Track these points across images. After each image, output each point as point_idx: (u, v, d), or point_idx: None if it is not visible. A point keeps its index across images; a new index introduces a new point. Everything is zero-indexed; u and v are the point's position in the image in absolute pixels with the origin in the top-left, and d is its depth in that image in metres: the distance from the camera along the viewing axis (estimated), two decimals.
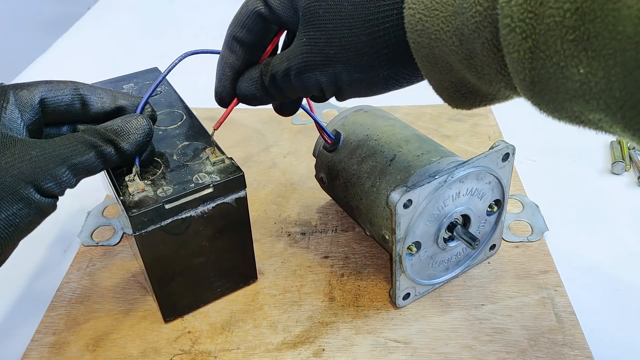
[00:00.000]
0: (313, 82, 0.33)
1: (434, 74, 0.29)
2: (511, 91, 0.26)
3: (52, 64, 0.87)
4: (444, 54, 0.27)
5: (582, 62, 0.20)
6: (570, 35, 0.20)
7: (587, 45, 0.20)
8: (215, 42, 0.91)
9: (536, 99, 0.24)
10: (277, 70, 0.34)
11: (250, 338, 0.41)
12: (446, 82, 0.29)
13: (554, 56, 0.21)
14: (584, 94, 0.21)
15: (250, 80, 0.37)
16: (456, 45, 0.26)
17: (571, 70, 0.21)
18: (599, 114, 0.22)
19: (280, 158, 0.61)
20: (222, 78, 0.37)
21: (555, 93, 0.23)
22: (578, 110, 0.23)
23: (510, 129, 0.64)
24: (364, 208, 0.44)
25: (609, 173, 0.57)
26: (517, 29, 0.22)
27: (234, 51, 0.36)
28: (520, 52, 0.23)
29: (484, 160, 0.40)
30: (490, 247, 0.46)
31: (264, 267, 0.47)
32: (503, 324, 0.41)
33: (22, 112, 0.34)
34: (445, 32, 0.26)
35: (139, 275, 0.47)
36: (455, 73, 0.28)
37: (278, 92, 0.36)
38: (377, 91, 0.33)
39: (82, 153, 0.32)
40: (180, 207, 0.37)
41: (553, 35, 0.21)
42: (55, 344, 0.42)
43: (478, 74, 0.26)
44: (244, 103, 0.38)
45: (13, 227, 0.30)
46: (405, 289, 0.42)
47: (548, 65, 0.22)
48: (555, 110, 0.24)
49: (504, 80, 0.26)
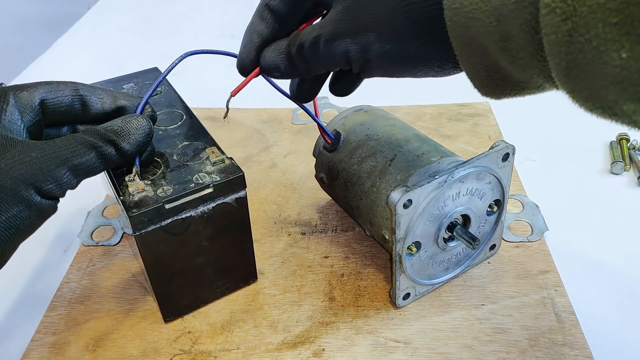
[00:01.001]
0: (342, 50, 0.32)
1: (467, 55, 0.28)
2: (544, 79, 0.26)
3: (52, 64, 0.87)
4: (479, 35, 0.26)
5: (624, 46, 0.20)
6: (614, 18, 0.20)
7: (630, 29, 0.20)
8: (216, 42, 0.91)
9: (570, 85, 0.24)
10: (306, 39, 0.34)
11: (250, 338, 0.41)
12: (479, 66, 0.28)
13: (594, 40, 0.21)
14: (623, 80, 0.21)
15: (276, 50, 0.36)
16: (493, 26, 0.25)
17: (611, 55, 0.21)
18: (634, 104, 0.21)
19: (280, 158, 0.61)
20: (248, 44, 0.36)
21: (591, 79, 0.22)
22: (613, 99, 0.22)
23: (510, 129, 0.64)
24: (364, 208, 0.44)
25: (608, 173, 0.57)
26: (558, 9, 0.21)
27: (265, 19, 0.35)
28: (559, 35, 0.22)
29: (484, 160, 0.40)
30: (490, 247, 0.46)
31: (264, 267, 0.47)
32: (503, 324, 0.41)
33: (22, 113, 0.33)
34: (483, 11, 0.25)
35: (139, 275, 0.47)
36: (488, 56, 0.27)
37: (303, 63, 0.35)
38: (406, 69, 0.32)
39: (82, 154, 0.32)
40: (180, 207, 0.37)
41: (595, 18, 0.20)
42: (55, 344, 0.42)
43: (512, 57, 0.26)
44: (266, 74, 0.37)
45: (14, 230, 0.30)
46: (405, 289, 0.42)
47: (586, 49, 0.21)
48: (589, 98, 0.23)
49: (538, 66, 0.25)
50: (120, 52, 0.90)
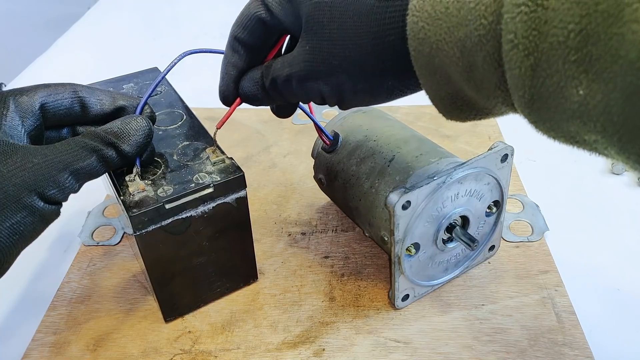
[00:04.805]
0: (315, 90, 0.33)
1: (431, 83, 0.29)
2: (507, 107, 0.26)
3: (52, 64, 0.87)
4: (444, 65, 0.27)
5: (582, 83, 0.20)
6: (573, 56, 0.20)
7: (588, 67, 0.20)
8: (216, 42, 0.91)
9: (533, 116, 0.24)
10: (277, 75, 0.34)
11: (251, 338, 0.41)
12: (443, 93, 0.29)
13: (555, 75, 0.21)
14: (582, 115, 0.21)
15: (251, 80, 0.36)
16: (457, 57, 0.26)
17: (570, 91, 0.21)
18: (595, 135, 0.22)
19: (280, 158, 0.61)
20: (225, 77, 0.37)
21: (553, 112, 0.23)
22: (574, 130, 0.23)
23: (510, 128, 0.64)
24: (362, 209, 0.44)
25: (609, 173, 0.57)
26: (520, 45, 0.22)
27: (237, 51, 0.36)
28: (522, 69, 0.22)
29: (482, 161, 0.40)
30: (489, 248, 0.46)
31: (264, 267, 0.47)
32: (503, 324, 0.41)
33: (23, 118, 0.33)
34: (447, 42, 0.26)
35: (140, 275, 0.47)
36: (453, 84, 0.28)
37: (278, 95, 0.36)
38: (381, 100, 0.33)
39: (83, 158, 0.32)
40: (180, 207, 0.37)
41: (555, 55, 0.21)
42: (56, 343, 0.42)
43: (476, 87, 0.26)
44: (247, 103, 0.38)
45: (17, 236, 0.30)
46: (404, 290, 0.42)
47: (548, 84, 0.22)
48: (551, 129, 0.24)
49: (501, 96, 0.26)
50: (120, 52, 0.90)
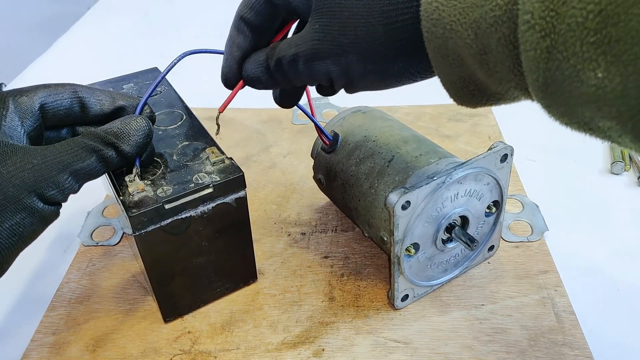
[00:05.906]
0: (323, 71, 0.32)
1: (443, 66, 0.28)
2: (520, 92, 0.26)
3: (52, 64, 0.87)
4: (457, 47, 0.26)
5: (600, 66, 0.20)
6: (591, 37, 0.20)
7: (607, 49, 0.20)
8: (216, 42, 0.90)
9: (547, 101, 0.24)
10: (283, 55, 0.33)
11: (250, 338, 0.41)
12: (455, 77, 0.28)
13: (572, 58, 0.21)
14: (598, 100, 0.21)
15: (256, 62, 0.35)
16: (471, 39, 0.25)
17: (587, 74, 0.21)
18: (609, 121, 0.21)
19: (280, 158, 0.61)
20: (229, 58, 0.36)
21: (567, 96, 0.22)
22: (589, 116, 0.22)
23: (510, 129, 0.64)
24: (362, 209, 0.44)
25: (608, 173, 0.57)
26: (537, 26, 0.21)
27: (242, 32, 0.35)
28: (537, 51, 0.22)
29: (482, 162, 0.40)
30: (488, 249, 0.46)
31: (264, 267, 0.47)
32: (503, 324, 0.41)
33: (23, 119, 0.33)
34: (461, 23, 0.25)
35: (139, 275, 0.47)
36: (465, 68, 0.27)
37: (283, 77, 0.35)
38: (390, 84, 0.32)
39: (83, 158, 0.32)
40: (180, 207, 0.37)
41: (573, 36, 0.20)
42: (55, 344, 0.42)
43: (489, 70, 0.26)
44: (250, 86, 0.37)
45: (17, 237, 0.30)
46: (403, 290, 0.42)
47: (564, 66, 0.21)
48: (565, 114, 0.23)
49: (514, 80, 0.25)
50: (120, 52, 0.90)
